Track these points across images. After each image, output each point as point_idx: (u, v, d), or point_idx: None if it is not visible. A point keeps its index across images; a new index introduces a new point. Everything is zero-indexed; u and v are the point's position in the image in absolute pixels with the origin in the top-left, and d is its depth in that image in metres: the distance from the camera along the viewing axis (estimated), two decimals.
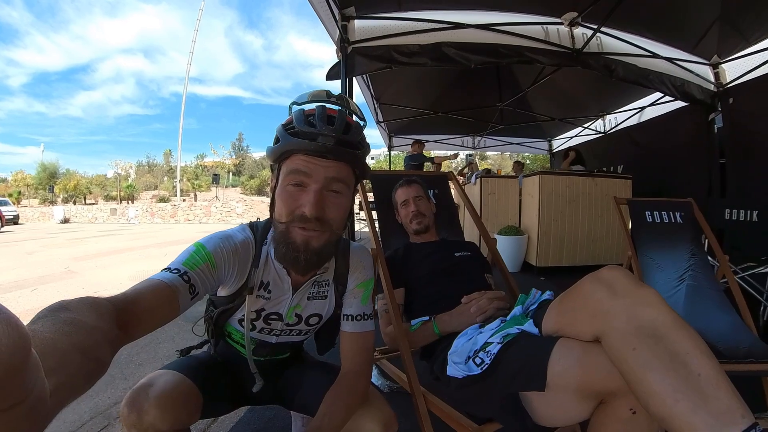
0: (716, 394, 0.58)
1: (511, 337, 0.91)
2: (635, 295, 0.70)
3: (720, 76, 3.64)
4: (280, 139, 0.76)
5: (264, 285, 0.86)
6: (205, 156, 36.40)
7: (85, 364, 0.39)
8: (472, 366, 0.92)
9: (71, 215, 20.76)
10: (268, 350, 0.97)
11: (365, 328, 0.92)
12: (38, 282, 4.31)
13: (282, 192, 0.76)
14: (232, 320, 0.92)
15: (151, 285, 0.64)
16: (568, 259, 4.13)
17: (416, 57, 2.88)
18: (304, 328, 0.95)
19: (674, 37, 3.38)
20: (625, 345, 0.66)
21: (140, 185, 32.24)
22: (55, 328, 0.39)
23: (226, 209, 17.67)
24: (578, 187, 4.16)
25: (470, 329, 1.10)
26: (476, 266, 1.49)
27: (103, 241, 9.35)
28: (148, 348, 2.25)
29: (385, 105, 5.73)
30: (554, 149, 8.01)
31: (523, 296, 1.10)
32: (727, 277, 1.87)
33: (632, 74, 3.27)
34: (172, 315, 0.64)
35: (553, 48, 3.10)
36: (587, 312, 0.75)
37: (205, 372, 0.89)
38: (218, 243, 0.79)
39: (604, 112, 5.91)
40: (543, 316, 0.90)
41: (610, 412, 0.74)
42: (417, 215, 1.58)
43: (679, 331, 0.64)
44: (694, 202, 2.10)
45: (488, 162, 28.89)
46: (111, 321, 0.48)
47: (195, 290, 0.70)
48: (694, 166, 4.16)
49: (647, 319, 0.67)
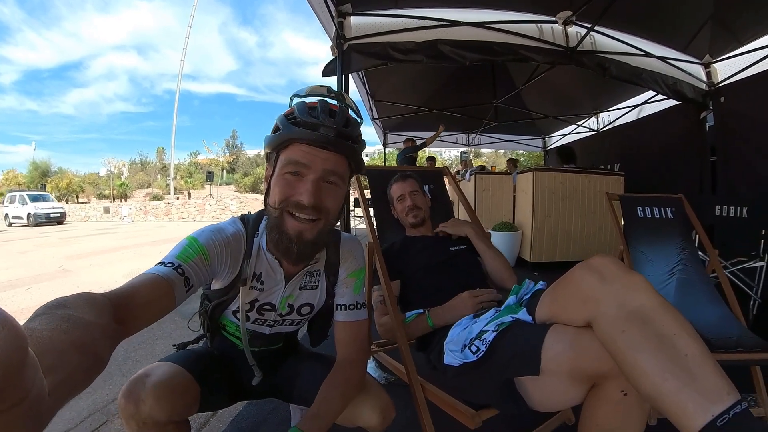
0: (703, 372, 0.60)
1: (505, 325, 0.93)
2: (624, 281, 0.73)
3: (712, 76, 3.69)
4: (281, 127, 0.77)
5: (257, 276, 0.87)
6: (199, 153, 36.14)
7: (83, 361, 0.39)
8: (468, 354, 0.95)
9: None
10: (262, 341, 0.98)
11: (358, 317, 0.94)
12: (33, 281, 4.30)
13: (279, 179, 0.77)
14: (227, 313, 0.92)
15: (147, 279, 0.65)
16: (562, 255, 4.17)
17: (412, 54, 2.89)
18: (296, 318, 0.96)
19: (667, 36, 3.42)
20: (615, 328, 0.69)
21: (133, 183, 31.95)
22: (52, 325, 0.39)
23: (221, 207, 17.57)
24: (572, 183, 4.20)
25: (465, 319, 1.12)
26: (472, 259, 1.52)
27: (97, 239, 9.29)
28: (145, 345, 2.26)
29: (380, 102, 5.73)
30: (548, 147, 8.06)
31: (517, 287, 1.13)
32: (717, 271, 1.91)
33: (625, 73, 3.30)
34: (168, 308, 0.65)
35: (548, 46, 3.12)
36: (578, 298, 0.78)
37: (202, 364, 0.90)
38: (210, 235, 0.80)
39: (598, 110, 5.96)
40: (536, 304, 0.92)
41: (602, 394, 0.77)
42: (413, 209, 1.60)
43: (666, 315, 0.67)
44: (685, 198, 2.14)
45: (482, 159, 28.99)
46: (108, 316, 0.48)
47: (190, 283, 0.70)
48: (685, 163, 4.21)
49: (636, 303, 0.69)
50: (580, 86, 5.12)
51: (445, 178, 2.08)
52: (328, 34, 2.91)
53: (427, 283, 1.40)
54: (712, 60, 3.63)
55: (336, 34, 2.82)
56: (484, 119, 6.56)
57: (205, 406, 0.89)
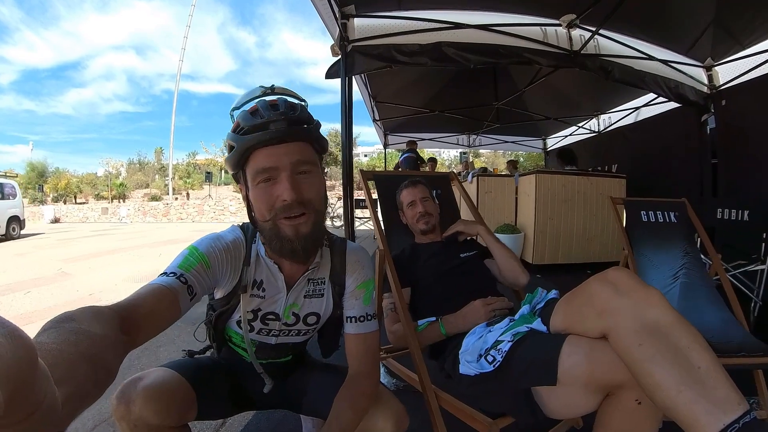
0: (715, 384, 0.64)
1: (521, 335, 0.94)
2: (639, 295, 0.76)
3: (713, 79, 3.69)
4: (235, 144, 0.76)
5: (257, 284, 0.87)
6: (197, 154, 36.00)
7: (93, 373, 0.39)
8: (484, 364, 0.95)
9: (62, 215, 20.47)
10: (269, 352, 0.96)
11: (369, 329, 0.92)
12: (32, 284, 4.23)
13: (255, 192, 0.77)
14: (231, 323, 0.91)
15: (151, 290, 0.66)
16: (564, 257, 4.18)
17: (416, 56, 2.88)
18: (303, 328, 0.94)
19: (669, 39, 3.42)
20: (632, 341, 0.71)
21: (131, 184, 31.77)
22: (61, 338, 0.40)
23: (219, 207, 17.54)
24: (574, 186, 4.22)
25: (478, 328, 1.13)
26: (482, 265, 1.52)
27: (96, 241, 9.23)
28: (148, 352, 2.24)
29: (382, 103, 5.73)
30: (548, 148, 8.09)
31: (530, 295, 1.13)
32: (719, 274, 1.93)
33: (628, 76, 3.31)
34: (174, 317, 0.66)
35: (552, 49, 3.13)
36: (594, 310, 0.80)
37: (202, 371, 0.90)
38: (210, 243, 0.82)
39: (599, 112, 5.97)
40: (550, 314, 0.93)
41: (616, 403, 0.78)
42: (424, 215, 1.60)
43: (681, 328, 0.71)
44: (688, 203, 2.15)
45: (481, 160, 29.00)
46: (116, 328, 0.49)
47: (193, 291, 0.71)
48: (686, 166, 4.22)
49: (651, 317, 0.72)
50: (581, 88, 5.13)
51: (452, 183, 2.08)
52: (332, 36, 2.90)
53: (438, 290, 1.40)
54: (713, 63, 3.64)
55: (340, 36, 2.82)
56: (485, 121, 6.57)
57: (206, 413, 0.89)
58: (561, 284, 0.89)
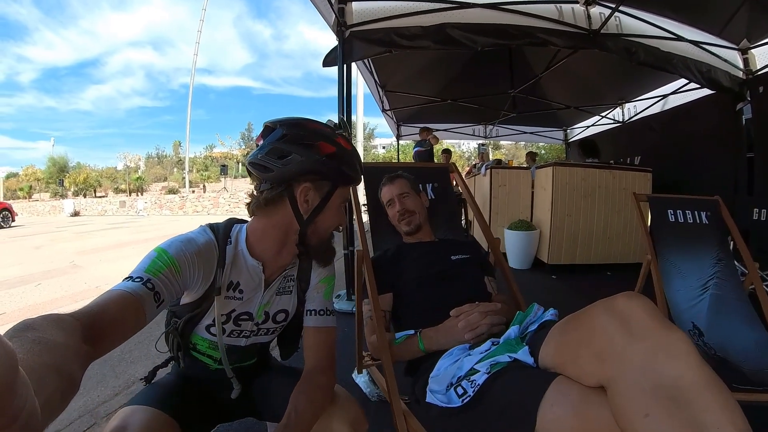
0: None
1: (500, 367, 0.78)
2: (657, 339, 0.56)
3: (749, 63, 3.41)
4: (335, 177, 0.85)
5: (233, 285, 0.86)
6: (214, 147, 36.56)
7: (60, 384, 0.38)
8: (452, 396, 0.80)
9: (81, 208, 21.18)
10: (237, 355, 0.95)
11: (327, 324, 0.94)
12: (43, 277, 4.40)
13: (336, 211, 0.89)
14: (199, 329, 0.89)
15: (115, 296, 0.62)
16: (582, 257, 3.89)
17: (418, 40, 2.68)
18: (272, 326, 0.95)
19: (700, 18, 3.13)
20: (635, 406, 0.52)
21: (149, 177, 32.61)
22: (24, 348, 0.38)
23: (234, 200, 17.76)
24: (594, 179, 3.92)
25: (457, 349, 0.97)
26: (475, 270, 1.33)
27: (110, 234, 9.50)
28: (140, 346, 2.23)
29: (391, 92, 5.55)
30: (570, 139, 7.74)
31: (521, 314, 0.95)
32: (756, 287, 1.67)
33: (654, 58, 3.02)
34: (139, 325, 0.63)
35: (568, 29, 2.87)
36: (594, 350, 0.61)
37: (175, 399, 0.86)
38: (180, 246, 0.78)
39: (623, 100, 5.64)
40: (542, 342, 0.76)
41: None
42: (404, 214, 1.43)
43: (711, 396, 0.50)
44: (722, 201, 1.90)
45: (501, 152, 28.44)
46: (78, 337, 0.47)
47: (160, 297, 0.68)
48: (719, 159, 3.91)
49: (670, 374, 0.53)
50: (603, 74, 4.83)
51: (452, 175, 1.88)
52: (327, 22, 2.73)
53: (421, 297, 1.23)
54: (750, 45, 3.35)
55: (336, 21, 2.65)
56: (501, 110, 6.29)
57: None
58: (577, 288, 0.71)
